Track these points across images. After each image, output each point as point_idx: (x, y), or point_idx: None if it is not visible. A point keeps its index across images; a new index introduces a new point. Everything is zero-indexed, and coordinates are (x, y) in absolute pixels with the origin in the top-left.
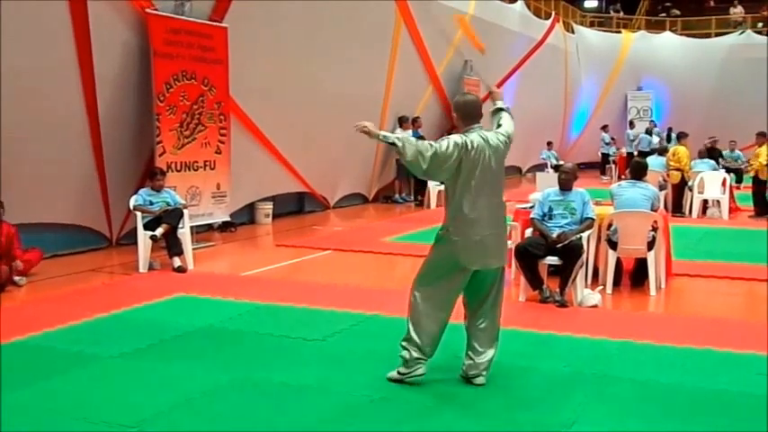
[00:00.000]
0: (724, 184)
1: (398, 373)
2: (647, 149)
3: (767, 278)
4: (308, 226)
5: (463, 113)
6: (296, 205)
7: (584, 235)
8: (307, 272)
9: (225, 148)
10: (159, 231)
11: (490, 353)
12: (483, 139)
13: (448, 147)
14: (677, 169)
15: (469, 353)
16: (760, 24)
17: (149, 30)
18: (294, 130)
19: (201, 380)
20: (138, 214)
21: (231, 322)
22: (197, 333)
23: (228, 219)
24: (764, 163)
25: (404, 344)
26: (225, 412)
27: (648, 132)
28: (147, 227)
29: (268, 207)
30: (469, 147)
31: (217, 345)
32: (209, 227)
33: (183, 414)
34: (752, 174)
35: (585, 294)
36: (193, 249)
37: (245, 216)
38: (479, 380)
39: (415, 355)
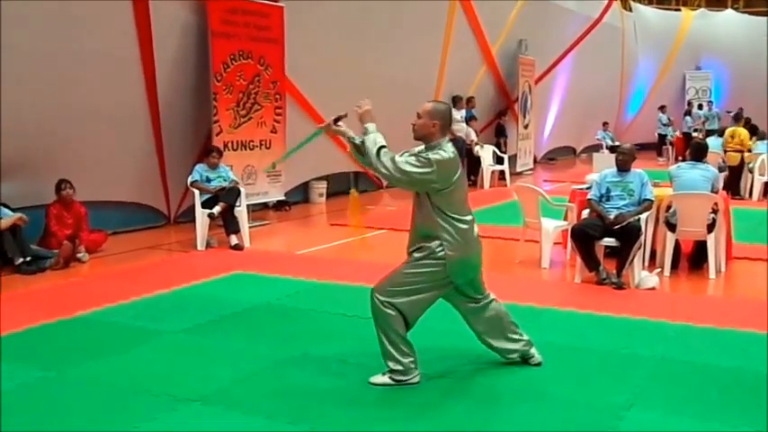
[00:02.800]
0: None
1: (392, 379)
2: (686, 130)
3: None
4: (362, 205)
5: (443, 122)
6: (349, 184)
7: (643, 217)
8: (361, 251)
9: (280, 128)
10: (217, 210)
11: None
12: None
13: (431, 168)
14: (736, 150)
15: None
16: None
17: (207, 10)
18: (349, 111)
19: (261, 356)
20: (196, 192)
21: (288, 299)
22: (255, 310)
23: (283, 198)
24: None
25: (391, 363)
26: (285, 388)
27: (687, 113)
28: (204, 205)
29: (322, 186)
30: (458, 165)
31: (275, 321)
32: (265, 205)
33: (245, 389)
34: None
35: (643, 276)
36: (249, 228)
37: (300, 195)
38: (535, 359)
39: (408, 362)
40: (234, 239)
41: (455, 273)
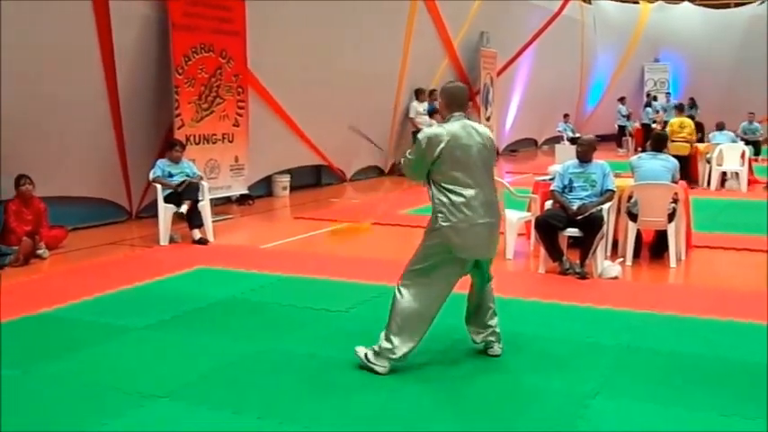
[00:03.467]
0: (743, 156)
1: (365, 355)
2: (647, 121)
3: None
4: (325, 199)
5: (447, 100)
6: (313, 178)
7: (605, 207)
8: (325, 244)
9: (243, 121)
10: (184, 208)
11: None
12: (465, 128)
13: (418, 147)
14: (686, 141)
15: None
16: None
17: (168, 2)
18: (311, 103)
19: (228, 351)
20: (159, 187)
21: (253, 294)
22: (220, 305)
23: (246, 191)
24: None
25: (380, 341)
26: (252, 382)
27: (648, 105)
28: (167, 200)
29: (285, 180)
30: (444, 136)
31: (241, 316)
32: (228, 200)
33: (212, 384)
34: None
35: (606, 266)
36: (212, 222)
37: (263, 189)
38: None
39: (387, 347)
40: (197, 234)
41: (454, 245)
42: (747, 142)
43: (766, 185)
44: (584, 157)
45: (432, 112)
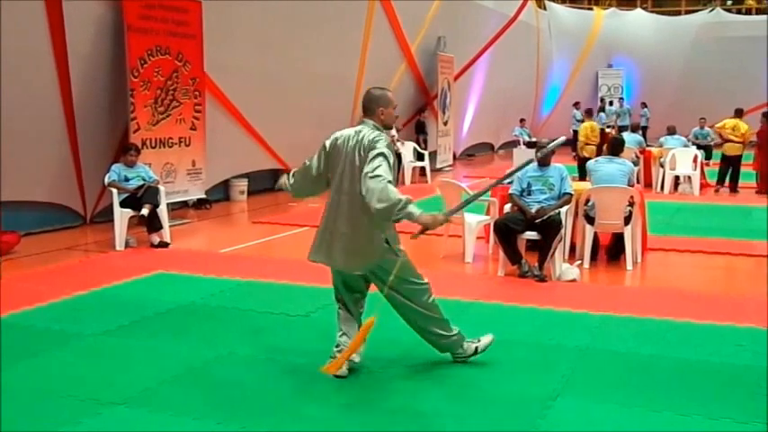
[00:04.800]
0: (695, 160)
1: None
2: (601, 126)
3: (745, 253)
4: (284, 203)
5: (362, 106)
6: (271, 182)
7: (563, 210)
8: (284, 248)
9: (200, 125)
10: (145, 211)
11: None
12: (352, 133)
13: (311, 159)
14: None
15: None
16: (729, 2)
17: (123, 4)
18: (269, 107)
19: (188, 356)
20: (114, 191)
21: (213, 299)
22: (180, 310)
23: (204, 196)
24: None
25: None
26: (212, 388)
27: (601, 110)
28: (123, 204)
29: (243, 184)
30: (329, 144)
31: (200, 321)
32: (185, 204)
33: (172, 390)
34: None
35: (564, 269)
36: (169, 227)
37: (221, 193)
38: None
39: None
40: (157, 238)
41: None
42: (699, 147)
43: (715, 188)
44: (543, 161)
45: None
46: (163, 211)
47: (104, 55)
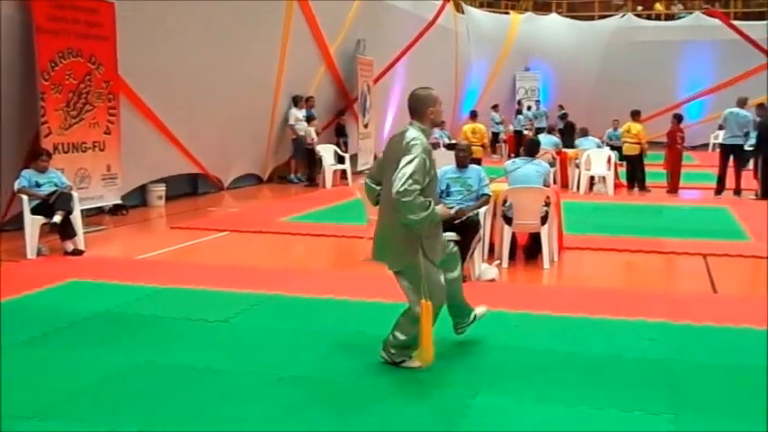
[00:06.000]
0: (609, 161)
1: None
2: (519, 128)
3: (656, 250)
4: (203, 207)
5: (409, 108)
6: (189, 187)
7: (481, 211)
8: (203, 254)
9: (115, 129)
10: (58, 218)
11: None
12: (398, 136)
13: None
14: (480, 145)
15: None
16: (639, 8)
17: (32, 5)
18: (187, 110)
19: (103, 365)
20: (25, 198)
21: (129, 307)
22: (95, 319)
23: (120, 201)
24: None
25: None
26: (129, 398)
27: (519, 112)
28: (34, 211)
29: (161, 189)
30: (384, 149)
31: (116, 330)
32: (100, 210)
33: (87, 401)
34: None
35: (483, 269)
36: (84, 233)
37: (137, 198)
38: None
39: None
40: (70, 246)
41: None
42: (613, 148)
43: (627, 188)
44: (462, 163)
45: (309, 119)
46: (76, 217)
47: (13, 57)
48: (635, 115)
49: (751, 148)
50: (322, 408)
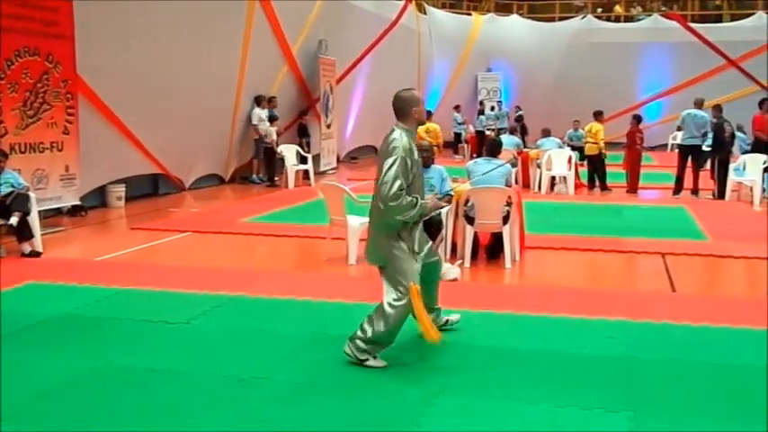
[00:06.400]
0: (570, 161)
1: None
2: (480, 128)
3: (615, 249)
4: (164, 208)
5: (394, 110)
6: (150, 187)
7: (444, 211)
8: (164, 255)
9: (73, 129)
10: (14, 220)
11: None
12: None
13: None
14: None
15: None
16: (599, 10)
17: None
18: (147, 110)
19: (62, 369)
20: None
21: (89, 309)
22: (53, 321)
23: (78, 202)
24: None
25: None
26: (89, 401)
27: (481, 113)
28: None
29: (120, 189)
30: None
31: (75, 333)
32: (58, 211)
33: (45, 406)
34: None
35: (446, 269)
36: (42, 235)
37: (97, 199)
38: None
39: None
40: (28, 247)
41: None
42: (573, 148)
43: (588, 188)
44: (425, 163)
45: (272, 119)
46: (34, 218)
47: None
48: (597, 115)
49: (708, 149)
50: (284, 408)
